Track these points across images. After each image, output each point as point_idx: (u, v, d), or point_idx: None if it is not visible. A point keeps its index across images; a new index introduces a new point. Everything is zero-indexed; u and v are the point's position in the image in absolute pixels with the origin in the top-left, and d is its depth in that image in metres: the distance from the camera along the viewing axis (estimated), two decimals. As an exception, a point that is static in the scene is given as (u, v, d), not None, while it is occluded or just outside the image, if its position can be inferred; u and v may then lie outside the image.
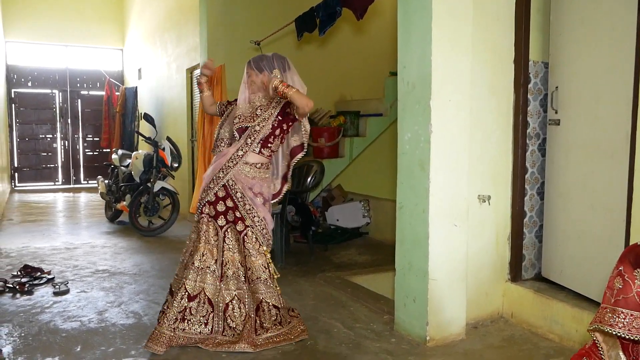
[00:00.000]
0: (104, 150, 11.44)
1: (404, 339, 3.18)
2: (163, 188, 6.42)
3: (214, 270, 3.11)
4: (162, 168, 6.50)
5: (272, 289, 3.12)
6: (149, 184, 6.42)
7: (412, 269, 3.17)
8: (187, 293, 3.07)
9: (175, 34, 7.92)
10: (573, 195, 3.22)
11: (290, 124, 3.20)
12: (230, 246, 3.13)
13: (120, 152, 7.56)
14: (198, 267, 3.10)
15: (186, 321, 3.04)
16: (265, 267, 3.11)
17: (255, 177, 3.17)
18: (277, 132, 3.17)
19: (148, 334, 3.21)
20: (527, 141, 3.42)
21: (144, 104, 9.84)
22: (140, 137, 7.11)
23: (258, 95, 3.22)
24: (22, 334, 3.26)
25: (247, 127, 3.14)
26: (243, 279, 3.11)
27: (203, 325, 3.06)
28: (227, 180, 3.14)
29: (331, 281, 4.35)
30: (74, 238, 6.24)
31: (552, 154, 3.39)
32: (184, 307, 3.05)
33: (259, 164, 3.18)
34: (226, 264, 3.11)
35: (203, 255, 3.11)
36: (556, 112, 3.32)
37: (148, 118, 6.69)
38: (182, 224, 6.94)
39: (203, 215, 3.18)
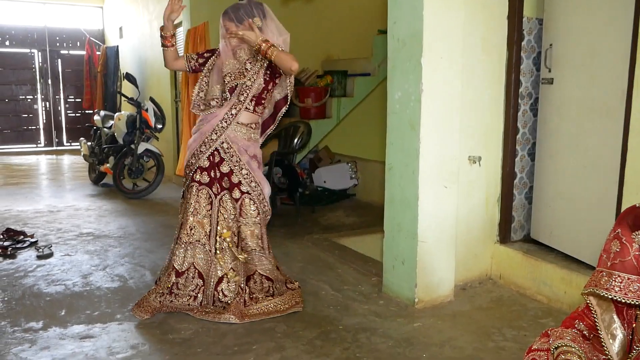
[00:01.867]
0: (86, 111, 11.18)
1: (392, 301, 3.17)
2: (147, 150, 6.31)
3: (204, 244, 2.97)
4: (146, 129, 6.36)
5: (266, 260, 3.01)
6: (132, 146, 6.29)
7: (401, 231, 3.13)
8: (174, 270, 2.96)
9: (156, -10, 7.64)
10: (565, 156, 3.17)
11: (278, 76, 2.99)
12: (226, 216, 2.95)
13: (102, 113, 7.38)
14: (187, 242, 2.96)
15: (174, 295, 2.95)
16: (259, 237, 2.99)
17: (250, 139, 2.99)
18: (270, 86, 2.97)
19: (133, 297, 3.18)
20: (519, 101, 3.35)
21: (126, 64, 9.58)
22: (123, 98, 6.94)
23: (243, 48, 2.98)
24: (6, 298, 3.20)
25: (237, 85, 2.93)
26: (239, 249, 2.98)
27: (192, 299, 2.95)
28: (222, 143, 2.93)
29: (319, 243, 4.32)
30: (57, 201, 6.13)
31: (544, 114, 3.33)
32: (172, 283, 2.95)
33: (253, 124, 3.00)
34: (220, 234, 2.95)
35: (192, 229, 2.96)
36: (549, 71, 3.24)
37: (130, 78, 6.50)
38: (167, 185, 6.85)
39: (194, 183, 2.98)
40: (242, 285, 2.97)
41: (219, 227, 2.96)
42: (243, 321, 2.84)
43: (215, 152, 2.95)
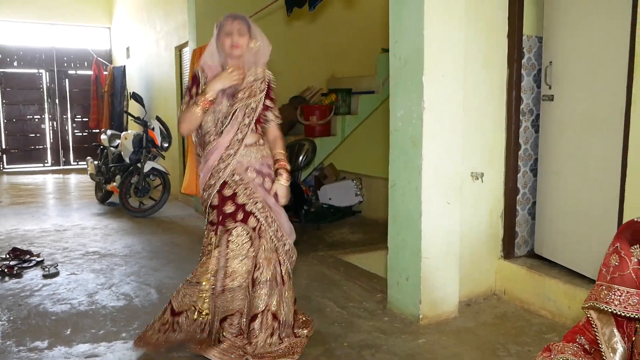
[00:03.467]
0: (93, 130, 11.28)
1: (396, 317, 3.17)
2: (153, 168, 6.36)
3: (204, 284, 2.65)
4: (152, 148, 6.42)
5: (279, 296, 2.68)
6: (139, 165, 6.35)
7: (405, 247, 3.15)
8: (170, 307, 2.70)
9: (163, 10, 7.77)
10: (566, 172, 3.19)
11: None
12: (237, 253, 2.62)
13: (109, 132, 7.46)
14: (189, 282, 2.71)
15: (176, 332, 2.68)
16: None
17: (264, 156, 2.73)
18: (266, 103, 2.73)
19: (139, 315, 3.20)
20: (521, 117, 3.38)
21: (133, 83, 9.69)
22: (130, 117, 7.02)
23: (243, 63, 2.69)
24: (11, 318, 3.22)
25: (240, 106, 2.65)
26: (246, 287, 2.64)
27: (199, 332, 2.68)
28: (232, 174, 2.64)
29: (324, 260, 4.33)
30: (63, 220, 6.18)
31: (545, 130, 3.35)
32: (167, 321, 2.68)
33: (260, 141, 2.75)
34: (229, 275, 2.60)
35: (200, 270, 2.69)
36: (550, 88, 3.27)
37: (137, 97, 6.58)
38: (173, 204, 6.89)
39: (207, 224, 2.73)
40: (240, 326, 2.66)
41: (227, 267, 2.63)
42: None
43: (225, 184, 2.66)
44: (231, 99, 2.66)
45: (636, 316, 1.38)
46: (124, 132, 7.04)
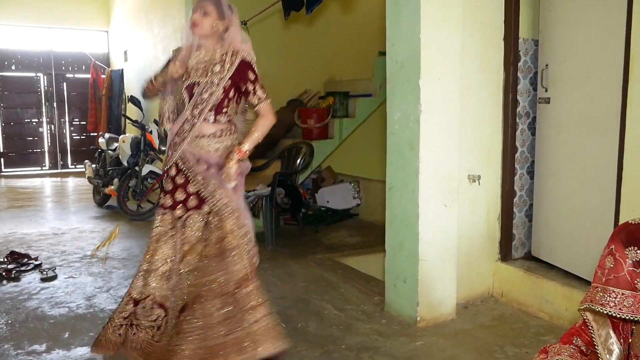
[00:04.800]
0: (91, 134, 11.28)
1: (394, 319, 3.18)
2: (151, 172, 6.35)
3: (164, 271, 2.58)
4: (150, 151, 6.42)
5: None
6: (137, 168, 6.34)
7: (402, 250, 3.16)
8: (132, 298, 2.61)
9: (161, 14, 7.77)
10: (563, 174, 3.20)
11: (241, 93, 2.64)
12: (190, 238, 2.54)
13: (107, 135, 7.46)
14: (146, 270, 2.61)
15: (134, 326, 2.57)
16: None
17: (219, 150, 2.57)
18: (231, 94, 2.59)
19: (137, 318, 3.19)
20: (517, 120, 3.39)
21: (131, 87, 9.69)
22: (128, 121, 7.01)
23: (210, 43, 2.60)
24: (9, 321, 3.22)
25: (194, 84, 2.57)
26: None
27: (155, 329, 2.55)
28: (181, 158, 2.57)
29: (322, 263, 4.34)
30: (61, 223, 6.17)
31: (542, 133, 3.37)
32: (129, 312, 2.58)
33: (220, 133, 2.59)
34: (181, 260, 2.54)
35: (153, 256, 2.61)
36: (546, 91, 3.29)
37: (135, 101, 6.58)
38: (171, 207, 6.87)
39: (158, 208, 2.66)
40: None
41: (181, 254, 2.56)
42: None
43: (175, 168, 2.61)
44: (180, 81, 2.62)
45: (632, 318, 1.39)
46: (121, 136, 7.03)
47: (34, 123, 11.38)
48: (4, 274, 4.05)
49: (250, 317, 2.40)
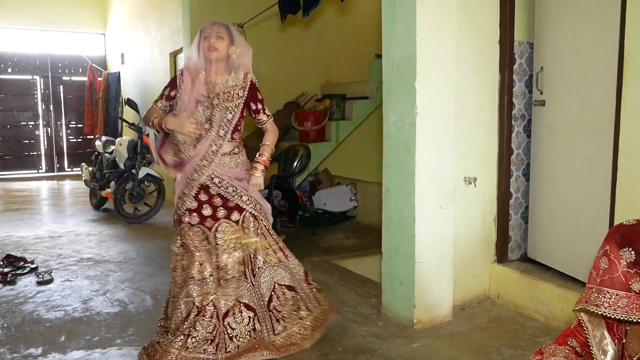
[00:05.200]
0: (88, 137, 11.27)
1: (391, 322, 3.18)
2: (148, 174, 6.36)
3: (207, 278, 2.74)
4: (147, 154, 6.42)
5: (285, 269, 2.87)
6: (133, 171, 6.35)
7: (398, 252, 3.16)
8: (196, 308, 2.69)
9: (157, 17, 7.79)
10: (558, 176, 3.22)
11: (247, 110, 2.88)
12: (225, 247, 2.75)
13: (104, 138, 7.46)
14: (198, 280, 2.74)
15: (191, 337, 2.62)
16: (268, 247, 2.85)
17: (239, 165, 2.84)
18: (245, 112, 2.85)
19: (134, 322, 3.19)
20: (513, 122, 3.41)
21: (128, 89, 9.70)
22: (124, 123, 7.01)
23: (225, 68, 2.78)
24: (5, 325, 3.22)
25: (215, 107, 2.74)
26: (244, 277, 2.78)
27: (209, 343, 2.63)
28: (210, 178, 2.75)
29: (319, 265, 4.34)
30: (58, 226, 6.16)
31: (537, 135, 3.38)
32: (192, 324, 2.65)
33: (236, 150, 2.84)
34: (222, 267, 2.74)
35: (201, 265, 2.76)
36: (541, 93, 3.30)
37: (131, 103, 6.58)
38: (168, 210, 6.86)
39: (183, 225, 2.78)
40: (263, 311, 2.79)
41: (219, 262, 2.76)
42: (279, 355, 2.70)
43: (201, 189, 2.77)
44: (202, 105, 2.77)
45: (626, 318, 1.40)
46: (118, 139, 7.04)
47: (31, 126, 11.37)
48: None
49: (319, 296, 2.97)
